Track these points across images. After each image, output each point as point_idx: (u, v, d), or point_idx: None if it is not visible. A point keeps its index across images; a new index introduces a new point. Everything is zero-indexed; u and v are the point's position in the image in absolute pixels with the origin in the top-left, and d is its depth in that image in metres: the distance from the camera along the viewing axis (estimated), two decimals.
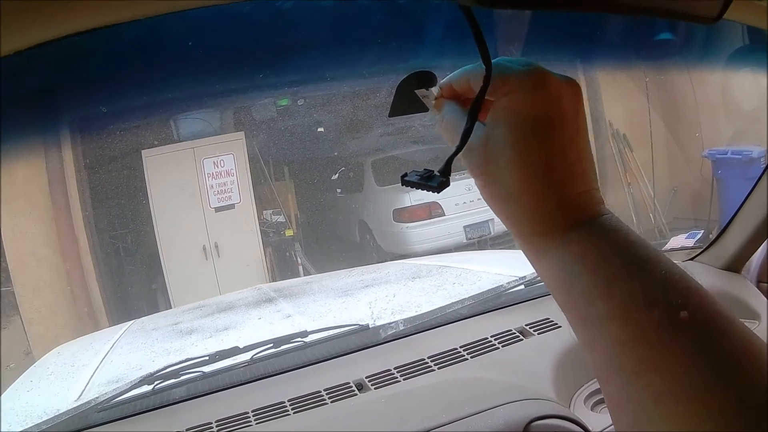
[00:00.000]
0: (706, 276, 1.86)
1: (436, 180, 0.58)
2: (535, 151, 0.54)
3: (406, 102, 0.66)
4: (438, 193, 0.59)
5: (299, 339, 1.64)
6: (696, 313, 0.47)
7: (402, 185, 0.61)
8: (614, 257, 0.51)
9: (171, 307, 6.93)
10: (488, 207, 0.59)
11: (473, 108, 0.56)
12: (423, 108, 0.66)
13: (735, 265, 1.87)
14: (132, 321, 3.07)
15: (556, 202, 0.54)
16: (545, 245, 0.54)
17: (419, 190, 0.61)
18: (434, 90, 0.64)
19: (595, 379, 0.53)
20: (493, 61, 0.56)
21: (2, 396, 2.08)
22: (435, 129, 0.64)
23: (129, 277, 7.56)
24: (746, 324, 1.56)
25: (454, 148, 0.58)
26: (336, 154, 8.26)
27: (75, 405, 1.57)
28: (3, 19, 0.49)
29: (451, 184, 0.59)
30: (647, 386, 0.47)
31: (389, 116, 0.67)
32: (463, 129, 0.56)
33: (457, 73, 0.62)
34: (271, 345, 1.62)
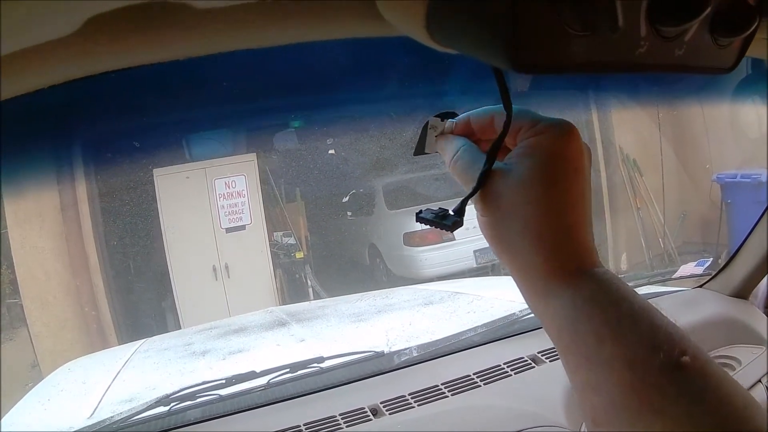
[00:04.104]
0: (714, 303, 1.88)
1: (450, 219, 0.60)
2: (561, 190, 0.55)
3: (431, 141, 0.68)
4: (451, 232, 0.61)
5: (315, 365, 1.65)
6: (695, 361, 0.49)
7: (416, 221, 0.63)
8: (623, 301, 0.52)
9: (180, 326, 6.91)
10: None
11: (492, 150, 0.58)
12: None
13: (743, 292, 1.89)
14: (144, 340, 3.06)
15: (572, 243, 0.56)
16: (554, 286, 0.55)
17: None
18: (447, 124, 0.66)
19: None
20: (520, 108, 0.58)
21: (12, 411, 2.08)
22: (446, 167, 0.64)
23: (138, 295, 7.54)
24: (753, 349, 1.58)
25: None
26: (347, 178, 8.26)
27: (88, 423, 1.58)
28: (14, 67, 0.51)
29: (449, 207, 0.61)
30: (649, 427, 0.48)
31: (414, 155, 0.69)
32: (481, 170, 0.58)
33: (480, 110, 0.63)
34: (288, 370, 1.63)
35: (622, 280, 0.54)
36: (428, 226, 0.63)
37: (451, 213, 0.61)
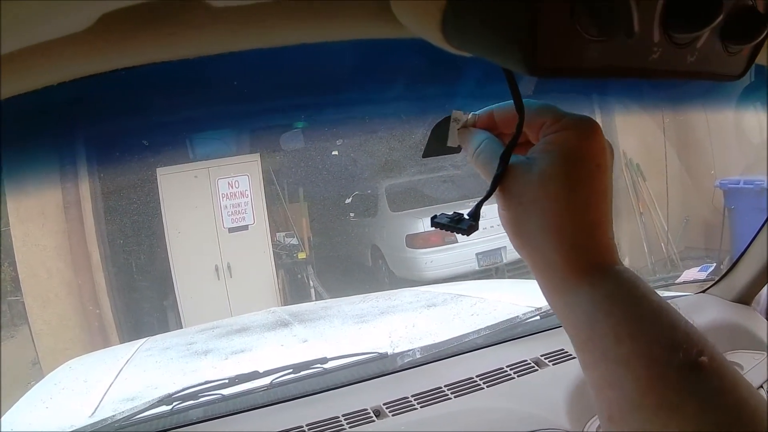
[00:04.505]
0: (717, 308, 1.87)
1: (465, 223, 0.60)
2: (583, 187, 0.55)
3: (441, 143, 0.67)
4: (467, 236, 0.61)
5: (318, 365, 1.65)
6: (712, 362, 0.49)
7: (431, 227, 0.63)
8: (643, 299, 0.52)
9: (181, 326, 6.92)
10: (506, 236, 0.59)
11: (506, 153, 0.58)
12: (456, 150, 0.68)
13: (745, 298, 1.88)
14: (145, 339, 3.05)
15: (592, 240, 0.56)
16: (573, 283, 0.55)
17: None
18: (470, 116, 0.65)
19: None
20: (544, 103, 0.59)
21: (13, 409, 2.07)
22: (467, 161, 0.64)
23: (140, 293, 7.53)
24: (755, 355, 1.58)
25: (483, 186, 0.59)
26: (351, 179, 8.25)
27: (90, 422, 1.59)
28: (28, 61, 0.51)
29: (464, 211, 0.61)
30: (665, 425, 0.48)
31: (423, 157, 0.69)
32: (495, 173, 0.58)
33: (503, 104, 0.63)
34: (291, 370, 1.63)
35: (641, 278, 0.54)
36: (438, 229, 0.63)
37: (466, 217, 0.61)
